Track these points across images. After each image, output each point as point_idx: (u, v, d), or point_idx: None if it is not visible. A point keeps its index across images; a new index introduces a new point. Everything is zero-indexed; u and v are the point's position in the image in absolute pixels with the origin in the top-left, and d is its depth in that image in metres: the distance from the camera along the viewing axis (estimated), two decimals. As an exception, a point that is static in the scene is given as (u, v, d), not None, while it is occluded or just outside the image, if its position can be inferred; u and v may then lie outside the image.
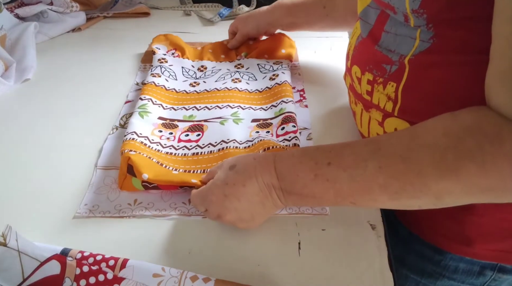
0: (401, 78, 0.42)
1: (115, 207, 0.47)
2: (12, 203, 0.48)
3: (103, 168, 0.52)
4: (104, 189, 0.49)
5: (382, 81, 0.44)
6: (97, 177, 0.51)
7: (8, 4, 0.86)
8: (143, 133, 0.54)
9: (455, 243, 0.49)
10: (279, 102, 0.60)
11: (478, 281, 0.52)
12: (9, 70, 0.72)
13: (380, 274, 0.40)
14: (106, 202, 0.47)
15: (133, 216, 0.46)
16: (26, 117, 0.62)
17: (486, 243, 0.48)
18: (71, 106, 0.65)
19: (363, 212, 0.46)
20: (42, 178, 0.51)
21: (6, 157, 0.54)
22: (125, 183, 0.48)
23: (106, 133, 0.58)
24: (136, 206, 0.47)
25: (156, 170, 0.48)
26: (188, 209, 0.46)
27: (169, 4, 1.05)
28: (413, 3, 0.37)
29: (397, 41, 0.43)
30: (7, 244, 0.37)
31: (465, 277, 0.52)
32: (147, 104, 0.59)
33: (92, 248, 0.40)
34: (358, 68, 0.49)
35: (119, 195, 0.48)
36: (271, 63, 0.71)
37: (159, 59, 0.71)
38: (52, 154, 0.55)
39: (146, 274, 0.37)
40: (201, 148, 0.54)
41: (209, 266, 0.40)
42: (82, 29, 0.92)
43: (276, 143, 0.50)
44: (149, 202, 0.47)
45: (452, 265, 0.51)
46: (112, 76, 0.73)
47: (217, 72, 0.70)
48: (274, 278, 0.39)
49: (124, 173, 0.48)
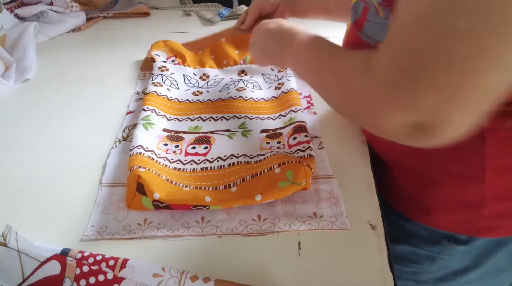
0: None
1: (124, 228, 0.44)
2: (13, 204, 0.48)
3: (109, 185, 0.49)
4: (111, 208, 0.46)
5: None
6: (102, 195, 0.48)
7: (8, 4, 0.86)
8: (149, 147, 0.52)
9: (417, 211, 0.53)
10: (288, 111, 0.59)
11: (436, 248, 0.55)
12: (9, 70, 0.72)
13: (380, 274, 0.40)
14: (114, 222, 0.45)
15: (144, 237, 0.43)
16: (26, 117, 0.62)
17: (444, 214, 0.51)
18: (71, 106, 0.65)
19: (363, 212, 0.46)
20: (42, 178, 0.51)
21: (6, 157, 0.55)
22: (134, 202, 0.46)
23: (108, 139, 0.57)
24: (147, 226, 0.44)
25: (167, 188, 0.46)
26: (202, 229, 0.44)
27: (169, 4, 1.05)
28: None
29: (375, 29, 0.47)
30: (7, 244, 0.37)
31: (424, 244, 0.55)
32: (151, 115, 0.57)
33: (92, 248, 0.40)
34: None
35: (127, 215, 0.46)
36: (276, 72, 0.70)
37: (159, 67, 0.68)
38: (53, 154, 0.55)
39: (146, 274, 0.37)
40: (210, 162, 0.52)
41: (209, 266, 0.40)
42: (82, 29, 0.92)
43: (291, 157, 0.49)
44: (160, 222, 0.45)
45: (414, 231, 0.55)
46: (112, 76, 0.73)
47: (221, 81, 0.68)
48: (274, 278, 0.39)
49: (133, 191, 0.45)
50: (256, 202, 0.45)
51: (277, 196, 0.46)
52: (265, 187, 0.46)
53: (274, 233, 0.44)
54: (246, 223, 0.45)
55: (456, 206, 0.49)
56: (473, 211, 0.48)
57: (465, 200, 0.48)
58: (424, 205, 0.52)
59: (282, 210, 0.46)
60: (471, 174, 0.45)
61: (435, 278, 0.61)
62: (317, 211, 0.46)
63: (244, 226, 0.44)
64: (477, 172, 0.45)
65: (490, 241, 0.52)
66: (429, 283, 0.62)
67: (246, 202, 0.45)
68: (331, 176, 0.50)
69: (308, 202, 0.47)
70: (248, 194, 0.45)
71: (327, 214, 0.45)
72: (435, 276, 0.60)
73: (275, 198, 0.46)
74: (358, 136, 0.57)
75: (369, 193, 0.48)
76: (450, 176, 0.47)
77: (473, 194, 0.47)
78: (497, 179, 0.45)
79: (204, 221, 0.45)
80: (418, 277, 0.61)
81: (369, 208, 0.47)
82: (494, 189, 0.46)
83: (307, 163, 0.47)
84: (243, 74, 0.70)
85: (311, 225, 0.44)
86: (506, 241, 0.52)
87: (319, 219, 0.45)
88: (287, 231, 0.44)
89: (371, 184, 0.50)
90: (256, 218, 0.45)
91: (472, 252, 0.53)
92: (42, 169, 0.52)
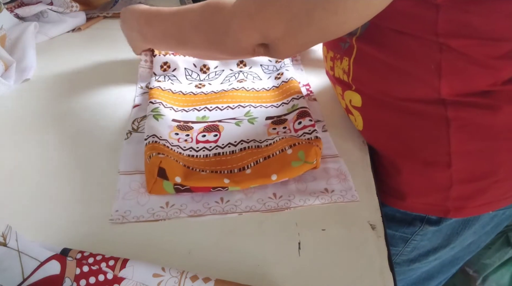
0: (352, 53, 0.51)
1: (148, 211, 0.46)
2: (14, 204, 0.48)
3: (127, 173, 0.51)
4: (132, 194, 0.48)
5: (339, 57, 0.54)
6: (122, 183, 0.50)
7: (8, 4, 0.86)
8: (163, 136, 0.53)
9: (391, 197, 0.56)
10: (290, 99, 0.61)
11: (409, 230, 0.59)
12: (9, 70, 0.72)
13: (380, 274, 0.40)
14: (137, 206, 0.46)
15: (168, 218, 0.45)
16: (26, 117, 0.62)
17: (415, 198, 0.55)
18: (71, 106, 0.65)
19: (363, 212, 0.46)
20: (42, 178, 0.51)
21: (6, 157, 0.55)
22: (155, 187, 0.47)
23: (113, 135, 0.57)
24: (170, 208, 0.46)
25: (186, 173, 0.48)
26: (222, 208, 0.46)
27: (169, 4, 1.05)
28: None
29: None
30: (7, 244, 0.37)
31: (398, 226, 0.59)
32: (159, 107, 0.59)
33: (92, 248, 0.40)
34: (325, 47, 0.60)
35: (149, 199, 0.47)
36: (273, 63, 0.72)
37: (161, 66, 0.70)
38: (53, 154, 0.55)
39: (146, 274, 0.37)
40: (221, 148, 0.54)
41: (209, 266, 0.40)
42: (82, 29, 0.92)
43: (300, 139, 0.51)
44: (182, 204, 0.47)
45: (388, 214, 0.58)
46: (112, 76, 0.73)
47: (221, 74, 0.70)
48: (274, 278, 0.39)
49: (154, 176, 0.47)
50: (272, 182, 0.47)
51: (291, 175, 0.48)
52: (279, 167, 0.48)
53: (290, 208, 0.46)
54: (264, 200, 0.47)
55: (426, 189, 0.53)
56: (442, 193, 0.52)
57: (435, 183, 0.52)
58: (397, 191, 0.55)
59: (296, 188, 0.49)
60: (438, 159, 0.49)
61: (408, 260, 0.65)
62: (328, 186, 0.49)
63: (262, 204, 0.47)
64: (444, 157, 0.49)
65: (458, 221, 0.56)
66: (403, 265, 0.67)
67: (262, 182, 0.48)
68: (337, 155, 0.53)
69: (319, 179, 0.50)
70: (264, 174, 0.48)
71: (338, 188, 0.48)
72: (408, 257, 0.65)
73: (289, 177, 0.48)
74: (358, 136, 0.58)
75: (369, 193, 0.48)
76: (420, 162, 0.51)
77: (441, 177, 0.51)
78: (462, 163, 0.49)
79: (223, 201, 0.47)
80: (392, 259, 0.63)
81: (369, 208, 0.47)
82: (460, 172, 0.50)
83: (316, 143, 0.49)
84: (242, 65, 0.72)
85: (324, 199, 0.47)
86: (472, 220, 0.57)
87: (331, 193, 0.48)
88: (303, 206, 0.46)
89: (371, 184, 0.50)
90: (272, 196, 0.48)
91: (443, 231, 0.58)
92: (43, 169, 0.52)
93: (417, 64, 0.45)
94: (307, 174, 0.50)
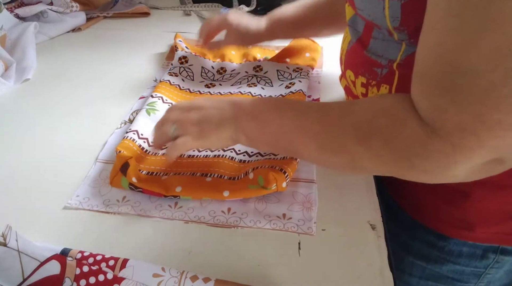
0: (393, 81, 0.45)
1: (104, 202, 0.47)
2: (13, 204, 0.47)
3: (104, 161, 0.53)
4: (98, 183, 0.50)
5: (375, 84, 0.47)
6: (94, 170, 0.51)
7: (8, 4, 0.86)
8: (144, 134, 0.54)
9: (456, 229, 0.51)
10: None
11: (482, 263, 0.53)
12: (9, 70, 0.72)
13: (380, 274, 0.40)
14: (97, 195, 0.48)
15: (118, 213, 0.46)
16: (26, 117, 0.62)
17: (487, 227, 0.49)
18: (71, 106, 0.65)
19: (363, 212, 0.46)
20: (43, 178, 0.51)
21: (6, 157, 0.54)
22: (115, 180, 0.49)
23: (113, 129, 0.58)
24: (123, 203, 0.47)
25: (144, 177, 0.49)
26: (172, 213, 0.46)
27: (169, 4, 1.05)
28: (393, 22, 0.40)
29: (384, 47, 0.45)
30: (7, 244, 0.37)
31: (469, 261, 0.53)
32: (157, 102, 0.60)
33: (92, 248, 0.40)
34: (351, 72, 0.51)
35: (110, 190, 0.49)
36: (291, 71, 0.69)
37: (179, 58, 0.71)
38: (53, 153, 0.55)
39: (146, 274, 0.37)
40: (198, 151, 0.54)
41: (209, 266, 0.40)
42: (82, 29, 0.92)
43: (265, 162, 0.49)
44: (136, 201, 0.47)
45: (456, 250, 0.53)
46: (112, 76, 0.73)
47: (236, 76, 0.70)
48: (274, 278, 0.39)
49: (116, 170, 0.49)
50: (224, 198, 0.46)
51: (244, 195, 0.47)
52: (235, 186, 0.47)
53: (238, 227, 0.44)
54: (215, 213, 0.46)
55: (496, 216, 0.48)
56: None
57: (505, 209, 0.47)
58: (464, 222, 0.50)
59: (253, 207, 0.47)
60: (506, 182, 0.45)
61: None
62: (287, 212, 0.46)
63: (211, 216, 0.45)
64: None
65: None
66: None
67: (214, 196, 0.47)
68: (312, 180, 0.50)
69: (282, 202, 0.47)
70: (218, 189, 0.47)
71: (297, 217, 0.45)
72: None
73: (243, 197, 0.47)
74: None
75: (369, 193, 0.48)
76: (485, 186, 0.46)
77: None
78: None
79: (176, 206, 0.47)
80: None
81: (369, 208, 0.47)
82: None
83: (281, 167, 0.47)
84: (258, 69, 0.71)
85: (276, 225, 0.44)
86: None
87: (286, 220, 0.45)
88: (251, 227, 0.44)
89: (371, 184, 0.50)
90: (226, 210, 0.46)
91: None
92: (43, 169, 0.52)
93: None
94: (272, 195, 0.48)
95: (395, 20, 0.39)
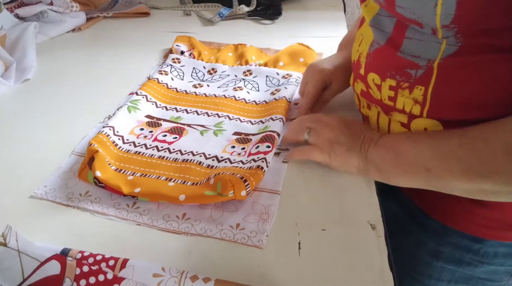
0: (429, 82, 0.43)
1: (67, 195, 0.47)
2: (14, 206, 0.48)
3: (79, 154, 0.54)
4: (68, 175, 0.50)
5: (408, 86, 0.45)
6: (68, 163, 0.52)
7: (8, 4, 0.86)
8: (120, 131, 0.55)
9: (495, 230, 0.51)
10: (268, 119, 0.58)
11: None
12: (9, 70, 0.72)
13: (380, 274, 0.40)
14: (63, 188, 0.48)
15: (77, 208, 0.46)
16: (26, 117, 0.62)
17: None
18: (71, 106, 0.65)
19: (363, 212, 0.46)
20: (43, 178, 0.51)
21: (6, 157, 0.54)
22: (82, 173, 0.49)
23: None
24: (85, 197, 0.47)
25: (110, 173, 0.49)
26: (127, 213, 0.46)
27: (169, 4, 1.05)
28: (444, 20, 0.38)
29: (421, 46, 0.43)
30: (7, 244, 0.37)
31: (504, 260, 0.54)
32: (140, 100, 0.60)
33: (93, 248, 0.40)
34: (376, 75, 0.48)
35: (76, 183, 0.49)
36: (280, 77, 0.69)
37: (173, 59, 0.72)
38: (53, 153, 0.55)
39: (146, 274, 0.37)
40: (169, 152, 0.53)
41: (209, 266, 0.40)
42: (82, 29, 0.92)
43: (235, 169, 0.48)
44: (97, 197, 0.47)
45: (491, 251, 0.53)
46: (112, 76, 0.73)
47: (225, 78, 0.70)
48: (274, 278, 0.39)
49: (85, 163, 0.49)
50: (179, 202, 0.46)
51: (200, 201, 0.46)
52: (193, 191, 0.47)
53: (188, 234, 0.43)
54: (169, 218, 0.45)
55: None
56: None
57: None
58: (504, 222, 0.50)
59: (209, 214, 0.45)
60: None
61: None
62: (242, 222, 0.44)
63: (164, 221, 0.45)
64: None
65: None
66: None
67: (170, 200, 0.46)
68: (277, 192, 0.48)
69: (239, 212, 0.46)
70: (176, 192, 0.46)
71: (250, 228, 0.44)
72: None
73: (199, 202, 0.46)
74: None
75: (369, 193, 0.48)
76: None
77: None
78: None
79: (133, 206, 0.46)
80: None
81: (369, 208, 0.47)
82: None
83: (243, 175, 0.46)
84: (248, 73, 0.70)
85: (226, 235, 0.43)
86: None
87: (237, 230, 0.43)
88: (201, 235, 0.43)
89: (371, 184, 0.50)
90: (180, 216, 0.45)
91: None
92: (43, 169, 0.52)
93: None
94: (232, 203, 0.47)
95: (447, 18, 0.37)
